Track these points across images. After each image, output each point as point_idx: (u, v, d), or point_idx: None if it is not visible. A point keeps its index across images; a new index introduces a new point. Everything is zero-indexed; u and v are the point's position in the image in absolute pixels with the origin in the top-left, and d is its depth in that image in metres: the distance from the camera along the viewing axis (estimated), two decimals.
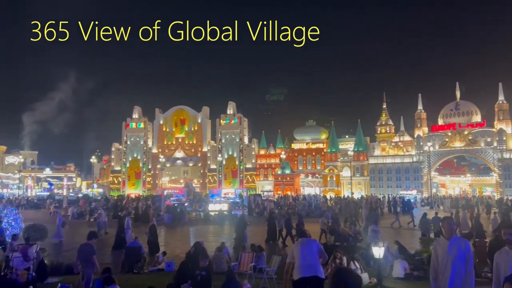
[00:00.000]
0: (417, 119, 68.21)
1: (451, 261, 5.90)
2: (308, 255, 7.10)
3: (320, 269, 7.08)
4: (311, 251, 7.18)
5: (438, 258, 6.08)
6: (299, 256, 7.14)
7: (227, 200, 47.20)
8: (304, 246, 7.26)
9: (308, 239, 7.57)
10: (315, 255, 7.17)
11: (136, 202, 47.45)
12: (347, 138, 78.31)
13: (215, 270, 12.98)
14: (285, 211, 41.35)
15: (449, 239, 6.07)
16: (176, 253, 18.62)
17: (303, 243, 7.35)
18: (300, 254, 7.14)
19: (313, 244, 7.39)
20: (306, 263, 7.05)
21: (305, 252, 7.13)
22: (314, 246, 7.30)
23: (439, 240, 6.41)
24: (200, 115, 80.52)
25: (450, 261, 5.91)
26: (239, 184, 73.69)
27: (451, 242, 6.01)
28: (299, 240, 7.59)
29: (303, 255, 7.11)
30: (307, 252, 7.13)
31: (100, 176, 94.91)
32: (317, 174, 73.74)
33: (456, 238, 6.15)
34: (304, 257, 7.09)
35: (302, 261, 7.07)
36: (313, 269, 6.99)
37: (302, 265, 7.03)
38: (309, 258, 7.08)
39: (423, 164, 65.52)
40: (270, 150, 77.81)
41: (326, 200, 49.27)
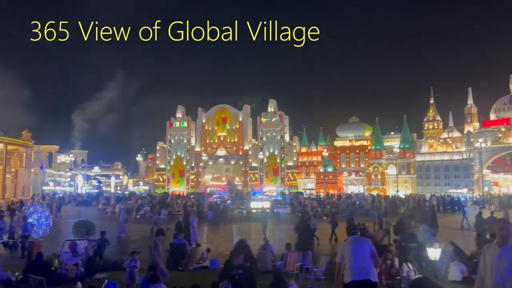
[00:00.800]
0: (467, 114, 65.10)
1: (499, 274, 4.81)
2: (360, 256, 6.59)
3: (373, 272, 6.57)
4: (363, 252, 6.66)
5: (486, 266, 5.10)
6: (350, 257, 6.64)
7: (269, 198, 47.00)
8: (355, 246, 6.75)
9: (360, 238, 7.05)
10: (368, 256, 6.64)
11: (181, 199, 48.34)
12: (393, 135, 75.91)
13: (260, 269, 12.73)
14: (328, 209, 40.64)
15: (501, 246, 5.04)
16: (220, 251, 18.56)
17: (355, 243, 6.83)
18: (352, 254, 6.63)
19: (365, 244, 6.82)
20: (358, 265, 6.54)
21: (357, 253, 6.62)
22: (366, 246, 6.75)
23: (490, 245, 5.32)
24: (241, 114, 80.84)
25: (499, 274, 4.82)
26: (281, 182, 73.30)
27: (503, 251, 4.92)
28: (349, 238, 7.05)
29: (355, 256, 6.60)
30: (359, 253, 6.62)
31: (146, 174, 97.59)
32: (361, 172, 72.03)
33: (510, 247, 4.98)
34: (355, 258, 6.58)
35: (354, 262, 6.57)
36: (365, 272, 6.49)
37: (353, 267, 6.53)
38: (361, 260, 6.57)
39: (474, 161, 62.41)
40: (311, 147, 76.86)
41: (374, 199, 47.78)
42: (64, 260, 10.92)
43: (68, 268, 10.53)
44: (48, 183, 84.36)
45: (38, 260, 10.36)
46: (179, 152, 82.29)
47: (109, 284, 8.93)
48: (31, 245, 13.59)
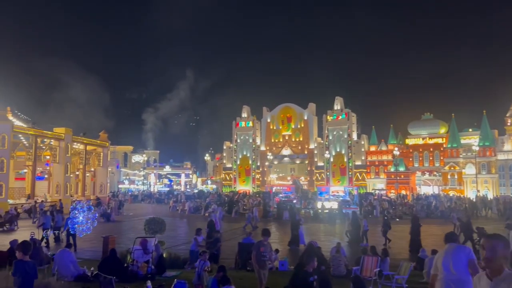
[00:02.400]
0: None
1: None
2: (453, 267, 5.78)
3: (467, 284, 5.59)
4: (458, 262, 5.81)
5: None
6: (442, 267, 5.88)
7: (336, 198, 45.70)
8: (448, 255, 5.94)
9: (456, 246, 6.15)
10: (464, 267, 5.74)
11: (247, 198, 48.60)
12: (470, 132, 70.52)
13: (333, 273, 12.03)
14: (399, 211, 38.56)
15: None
16: (289, 252, 18.06)
17: (448, 251, 6.03)
18: (443, 265, 5.87)
19: (461, 252, 5.94)
20: (449, 278, 5.75)
21: (449, 263, 5.84)
22: (463, 255, 5.86)
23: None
24: (306, 112, 79.71)
25: None
26: (348, 182, 71.14)
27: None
28: (446, 246, 6.21)
29: (446, 266, 5.83)
30: (452, 263, 5.82)
31: (214, 173, 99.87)
32: (435, 171, 67.77)
33: None
34: (447, 269, 5.81)
35: (445, 274, 5.80)
36: (458, 285, 5.65)
37: (445, 280, 5.78)
38: (454, 271, 5.76)
39: None
40: (381, 146, 73.73)
41: (456, 200, 44.44)
42: (136, 257, 11.02)
43: (139, 265, 10.59)
44: (123, 182, 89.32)
45: (111, 257, 10.53)
46: (245, 151, 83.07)
47: (178, 284, 8.77)
48: (106, 240, 14.01)
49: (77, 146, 46.52)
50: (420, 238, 18.15)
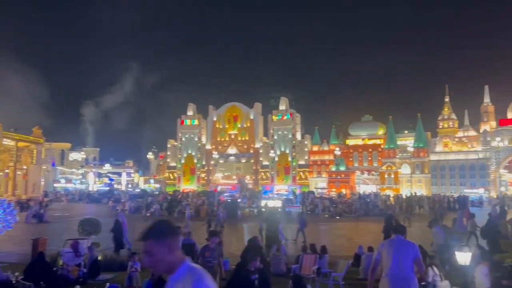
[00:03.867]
0: (483, 113, 63.53)
1: None
2: (402, 264, 5.69)
3: (414, 282, 5.68)
4: (406, 259, 5.73)
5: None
6: (390, 262, 5.78)
7: (280, 196, 46.31)
8: (398, 250, 5.82)
9: (405, 241, 5.97)
10: (410, 264, 5.72)
11: (191, 197, 47.91)
12: (406, 134, 74.53)
13: (273, 272, 12.05)
14: (340, 209, 39.78)
15: None
16: (231, 251, 17.91)
17: (398, 246, 5.87)
18: (392, 260, 5.77)
19: (409, 249, 5.83)
20: (396, 274, 5.68)
21: (399, 259, 5.73)
22: (410, 252, 5.79)
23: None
24: (252, 112, 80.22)
25: None
26: (292, 181, 72.49)
27: None
28: (393, 237, 6.08)
29: (395, 262, 5.73)
30: (401, 259, 5.72)
31: (157, 172, 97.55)
32: (374, 171, 70.84)
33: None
34: (396, 265, 5.71)
35: (392, 270, 5.72)
36: (405, 283, 5.63)
37: (391, 275, 5.71)
38: (402, 268, 5.69)
39: (490, 161, 60.83)
40: (323, 146, 75.88)
41: (388, 199, 46.59)
42: (66, 260, 10.36)
43: (70, 269, 9.97)
44: (59, 181, 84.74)
45: (39, 260, 9.82)
46: (190, 150, 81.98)
47: (110, 287, 8.33)
48: (36, 243, 13.10)
49: (8, 143, 43.44)
50: None
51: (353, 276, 12.13)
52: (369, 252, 12.78)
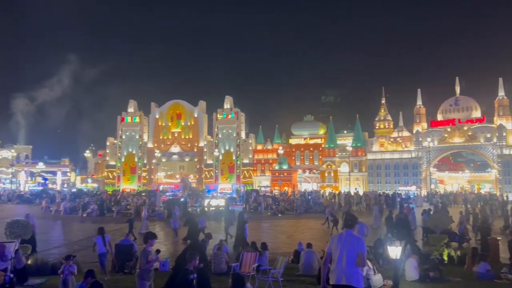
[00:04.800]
0: (416, 115, 67.37)
1: None
2: (347, 258, 5.89)
3: (356, 276, 5.86)
4: (351, 253, 5.91)
5: None
6: (337, 255, 5.99)
7: (223, 195, 46.28)
8: (345, 244, 6.00)
9: (352, 235, 6.15)
10: (355, 258, 5.89)
11: (131, 197, 46.51)
12: (345, 134, 77.34)
13: (214, 271, 12.02)
14: (282, 206, 40.50)
15: None
16: (172, 251, 17.64)
17: (345, 239, 6.06)
18: (339, 254, 5.98)
19: (356, 244, 6.01)
20: (341, 267, 5.89)
21: (344, 253, 5.92)
22: (356, 246, 5.97)
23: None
24: (196, 110, 79.41)
25: None
26: (236, 180, 72.73)
27: None
28: (343, 232, 6.29)
29: (341, 256, 5.94)
30: (347, 254, 5.91)
31: (95, 171, 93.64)
32: (315, 169, 72.88)
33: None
34: (341, 259, 5.93)
35: (338, 263, 5.95)
36: (347, 277, 5.83)
37: (337, 268, 5.94)
38: (347, 262, 5.88)
39: (422, 160, 64.76)
40: (267, 145, 76.86)
41: (332, 196, 48.02)
42: None
43: None
44: None
45: None
46: (130, 148, 79.55)
47: None
48: None
49: None
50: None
51: (293, 272, 12.39)
52: (308, 248, 13.12)
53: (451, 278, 11.80)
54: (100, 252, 12.37)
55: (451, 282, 11.43)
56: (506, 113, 59.90)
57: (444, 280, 11.39)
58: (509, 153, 57.92)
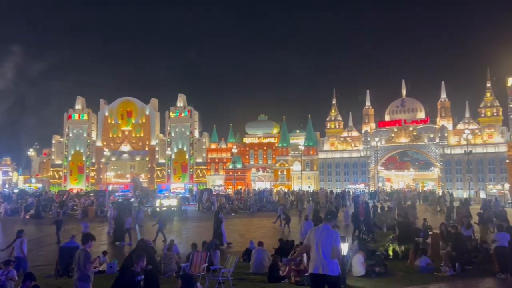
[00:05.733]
0: (365, 115, 69.65)
1: None
2: (323, 250, 6.34)
3: (331, 268, 6.31)
4: (327, 246, 6.36)
5: None
6: (314, 248, 6.46)
7: (176, 195, 45.65)
8: (321, 237, 6.43)
9: (328, 229, 6.54)
10: (329, 251, 6.34)
11: (79, 197, 44.77)
12: (298, 133, 78.68)
13: (164, 271, 11.81)
14: (235, 205, 40.58)
15: None
16: (120, 253, 17.14)
17: (322, 233, 6.47)
18: (316, 246, 6.43)
19: (331, 237, 6.44)
20: (318, 258, 6.36)
21: (320, 246, 6.36)
22: (331, 240, 6.41)
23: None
24: (148, 107, 77.74)
25: None
26: (189, 179, 71.99)
27: None
28: (320, 225, 6.69)
29: (318, 248, 6.39)
30: (323, 246, 6.36)
31: (40, 171, 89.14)
32: (268, 168, 73.58)
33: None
34: (317, 251, 6.38)
35: (316, 255, 6.42)
36: (324, 267, 6.31)
37: (315, 259, 6.44)
38: (323, 254, 6.33)
39: (370, 159, 67.10)
40: (221, 144, 76.63)
41: (286, 195, 48.59)
42: None
43: None
44: None
45: None
46: (78, 146, 76.53)
47: None
48: None
49: None
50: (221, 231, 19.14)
51: (244, 271, 12.43)
52: (259, 247, 13.20)
53: (395, 272, 12.31)
54: (17, 256, 11.81)
55: (395, 276, 11.93)
56: (447, 114, 63.35)
57: (388, 275, 11.87)
58: (450, 152, 61.31)
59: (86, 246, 7.83)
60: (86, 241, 7.94)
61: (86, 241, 7.93)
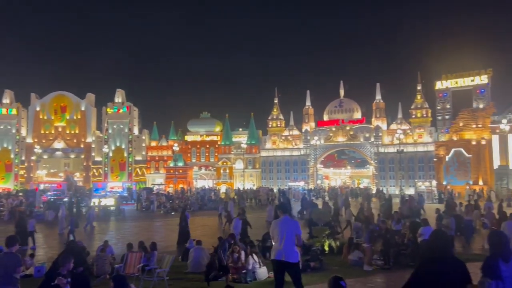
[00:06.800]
0: (305, 114, 71.42)
1: None
2: (286, 238, 7.05)
3: (293, 253, 7.09)
4: (289, 234, 7.09)
5: None
6: (277, 237, 7.17)
7: (113, 194, 44.15)
8: (283, 227, 7.17)
9: (289, 219, 7.37)
10: (293, 238, 7.14)
11: (6, 197, 41.75)
12: (241, 131, 78.97)
13: (96, 273, 11.33)
14: (176, 204, 39.94)
15: None
16: (50, 255, 16.21)
17: (283, 223, 7.24)
18: (279, 235, 7.11)
19: (291, 226, 7.24)
20: (281, 246, 7.05)
21: (283, 234, 7.06)
22: (293, 229, 7.20)
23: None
24: (84, 102, 74.21)
25: None
26: (128, 178, 69.80)
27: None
28: (281, 218, 7.39)
29: (281, 237, 7.07)
30: (285, 235, 7.05)
31: None
32: (211, 166, 73.21)
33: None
34: (281, 239, 7.07)
35: (278, 243, 7.12)
36: (286, 253, 7.02)
37: (277, 247, 7.13)
38: (285, 242, 7.03)
39: (309, 157, 68.95)
40: (162, 141, 75.02)
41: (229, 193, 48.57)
42: None
43: None
44: None
45: None
46: (5, 143, 71.40)
47: None
48: None
49: None
50: (188, 230, 18.98)
51: (181, 270, 12.25)
52: (198, 245, 13.08)
53: (330, 267, 12.73)
54: None
55: (330, 270, 12.33)
56: (382, 115, 66.62)
57: (323, 269, 12.25)
58: (384, 151, 64.57)
59: (11, 249, 7.24)
60: (12, 244, 7.32)
61: (12, 244, 7.32)
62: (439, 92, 62.06)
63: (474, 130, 56.44)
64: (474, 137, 56.17)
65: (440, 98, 61.98)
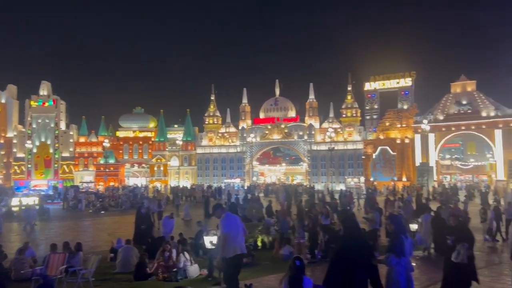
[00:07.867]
0: (242, 112, 71.84)
1: None
2: (235, 232, 7.89)
3: (243, 246, 8.05)
4: (237, 229, 7.99)
5: None
6: (233, 233, 7.81)
7: (37, 192, 41.50)
8: (235, 224, 8.03)
9: (234, 216, 8.26)
10: (241, 231, 8.09)
11: None
12: (176, 128, 77.59)
13: (14, 277, 10.56)
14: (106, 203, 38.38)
15: None
16: None
17: (234, 221, 8.08)
18: (230, 230, 7.82)
19: (238, 221, 8.23)
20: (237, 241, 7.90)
21: (233, 229, 7.86)
22: (239, 223, 8.23)
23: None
24: (4, 95, 68.83)
25: None
26: (54, 175, 65.85)
27: None
28: (230, 216, 8.10)
29: (233, 232, 7.82)
30: (234, 229, 7.89)
31: None
32: (144, 163, 71.21)
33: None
34: (233, 234, 7.81)
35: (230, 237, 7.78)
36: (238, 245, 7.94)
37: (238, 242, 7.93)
38: (236, 235, 7.89)
39: (246, 154, 69.51)
40: (91, 137, 71.60)
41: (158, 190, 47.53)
42: None
43: None
44: None
45: None
46: None
47: None
48: None
49: None
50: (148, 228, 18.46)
51: (109, 271, 11.82)
52: (127, 245, 12.69)
53: (261, 262, 12.94)
54: None
55: (261, 265, 12.54)
56: (315, 114, 68.77)
57: (255, 264, 12.42)
58: (316, 148, 66.75)
59: None
60: None
61: None
62: (367, 93, 65.32)
63: (398, 129, 60.12)
64: (398, 136, 59.83)
65: (369, 99, 65.27)
